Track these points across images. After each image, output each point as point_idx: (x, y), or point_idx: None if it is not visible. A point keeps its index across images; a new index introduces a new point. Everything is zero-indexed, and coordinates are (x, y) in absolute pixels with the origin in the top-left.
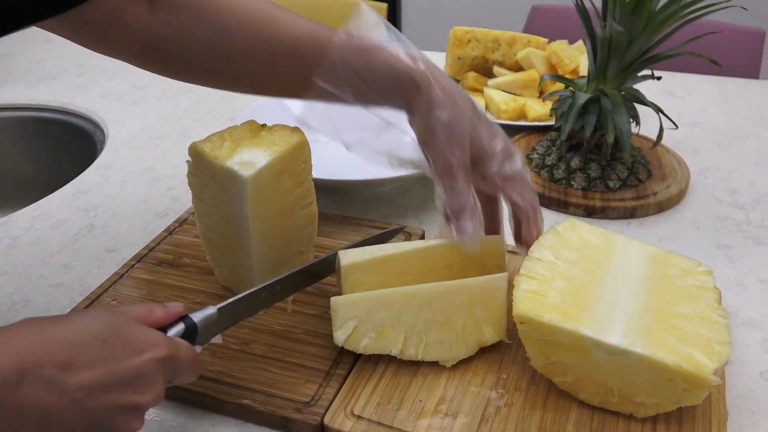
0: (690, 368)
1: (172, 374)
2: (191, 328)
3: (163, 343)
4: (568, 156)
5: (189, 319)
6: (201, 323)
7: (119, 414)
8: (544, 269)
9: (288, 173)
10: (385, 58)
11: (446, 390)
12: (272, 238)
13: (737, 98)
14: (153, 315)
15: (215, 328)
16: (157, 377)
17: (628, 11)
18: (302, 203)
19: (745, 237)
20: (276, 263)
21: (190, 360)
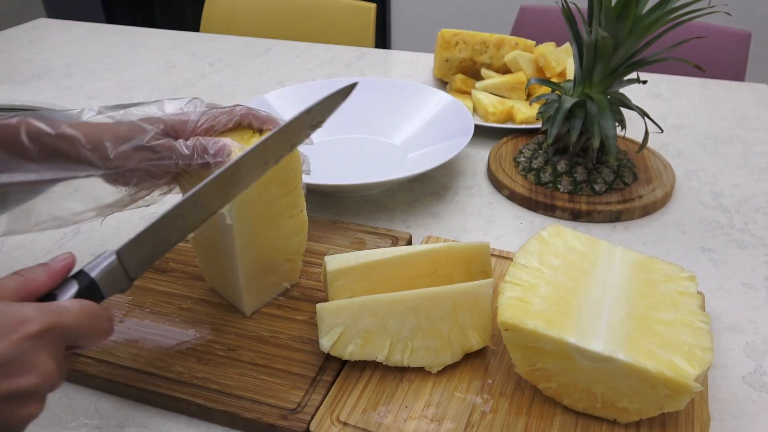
0: (672, 375)
1: (68, 341)
2: (89, 285)
3: (35, 318)
4: (554, 159)
5: (84, 276)
6: (100, 276)
7: (1, 404)
8: (528, 276)
9: (276, 182)
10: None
11: (432, 396)
12: (258, 244)
13: (722, 100)
14: (33, 282)
15: (128, 273)
16: (36, 355)
17: (614, 16)
18: (291, 212)
19: (728, 240)
20: (262, 270)
21: (86, 321)
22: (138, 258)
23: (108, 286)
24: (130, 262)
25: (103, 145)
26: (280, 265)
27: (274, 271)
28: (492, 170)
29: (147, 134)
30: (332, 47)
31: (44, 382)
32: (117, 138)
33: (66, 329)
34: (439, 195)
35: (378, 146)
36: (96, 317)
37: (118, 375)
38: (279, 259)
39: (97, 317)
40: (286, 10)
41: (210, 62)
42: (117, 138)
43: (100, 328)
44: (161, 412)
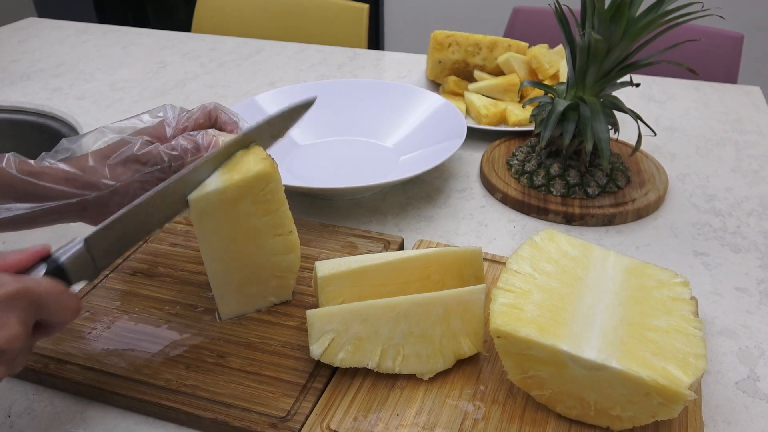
0: (665, 383)
1: (38, 312)
2: (57, 268)
3: (8, 283)
4: (547, 162)
5: (53, 260)
6: (68, 261)
7: None
8: (521, 282)
9: (249, 200)
10: None
11: (423, 403)
12: (231, 257)
13: (715, 103)
14: (5, 260)
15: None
16: (6, 315)
17: (607, 19)
18: (275, 231)
19: (721, 244)
20: (239, 280)
21: (54, 295)
22: (106, 246)
23: (75, 271)
24: (97, 250)
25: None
26: (265, 280)
27: (258, 285)
28: (485, 173)
29: (134, 144)
30: (324, 48)
31: (10, 343)
32: (103, 157)
33: (36, 298)
34: (432, 198)
35: (370, 149)
36: (64, 293)
37: (104, 382)
38: (264, 275)
39: (66, 294)
40: (279, 11)
41: (201, 63)
42: (103, 157)
43: (69, 304)
44: (149, 420)
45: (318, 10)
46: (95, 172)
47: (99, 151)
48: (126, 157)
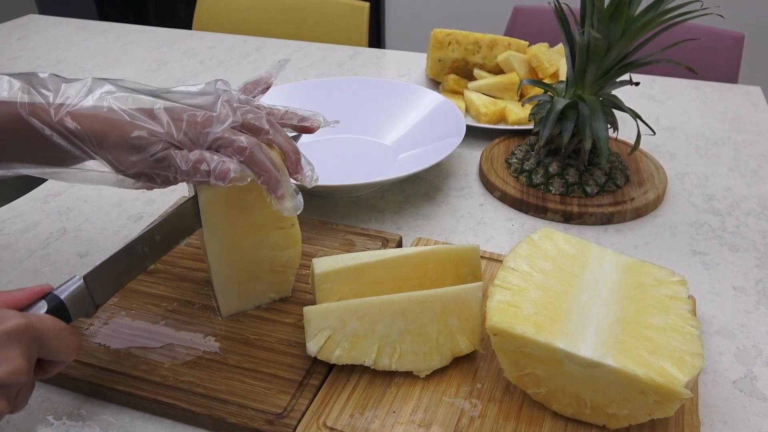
0: (661, 381)
1: (40, 349)
2: (57, 305)
3: (13, 317)
4: (546, 161)
5: (53, 297)
6: (69, 298)
7: None
8: (518, 279)
9: (255, 192)
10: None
11: (420, 400)
12: (234, 250)
13: (715, 102)
14: (8, 296)
15: (94, 298)
16: (10, 350)
17: (606, 17)
18: (278, 224)
19: (720, 244)
20: (240, 275)
21: (55, 332)
22: (103, 284)
23: (75, 309)
24: (96, 287)
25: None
26: (265, 275)
27: (258, 280)
28: (484, 171)
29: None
30: (324, 46)
31: (13, 377)
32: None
33: (38, 334)
34: (430, 196)
35: (369, 146)
36: (65, 330)
37: (102, 378)
38: (263, 269)
39: (67, 331)
40: (280, 9)
41: (201, 60)
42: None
43: (70, 342)
44: (146, 416)
45: (318, 8)
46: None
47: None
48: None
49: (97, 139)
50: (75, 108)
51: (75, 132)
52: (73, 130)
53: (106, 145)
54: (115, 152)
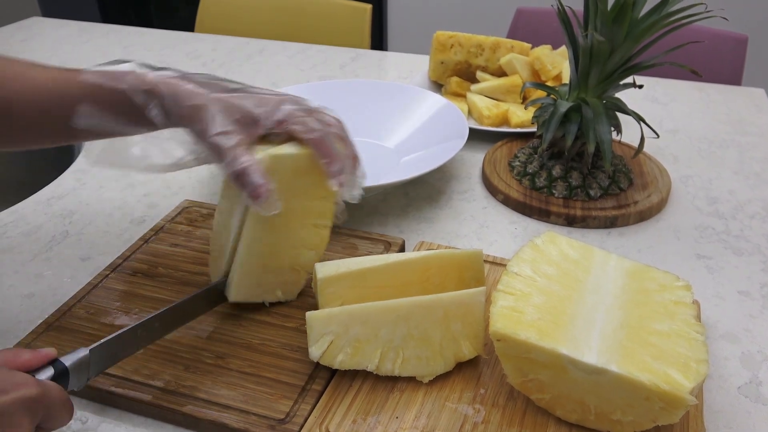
0: (666, 387)
1: (43, 417)
2: (62, 372)
3: (31, 384)
4: (549, 164)
5: (59, 363)
6: (73, 366)
7: None
8: (521, 284)
9: (312, 177)
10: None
11: (423, 406)
12: (267, 234)
13: (719, 105)
14: (19, 359)
15: (92, 369)
16: (23, 418)
17: (609, 20)
18: (313, 220)
19: (724, 247)
20: (263, 266)
21: (61, 402)
22: (104, 358)
23: (75, 379)
24: (97, 361)
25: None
26: (281, 271)
27: (274, 274)
28: (486, 174)
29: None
30: (326, 48)
31: None
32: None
33: (49, 404)
34: (433, 199)
35: (371, 149)
36: (67, 403)
37: (102, 382)
38: (283, 264)
39: (68, 403)
40: (282, 11)
41: (203, 62)
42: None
43: (65, 415)
44: (147, 421)
45: (321, 9)
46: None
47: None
48: None
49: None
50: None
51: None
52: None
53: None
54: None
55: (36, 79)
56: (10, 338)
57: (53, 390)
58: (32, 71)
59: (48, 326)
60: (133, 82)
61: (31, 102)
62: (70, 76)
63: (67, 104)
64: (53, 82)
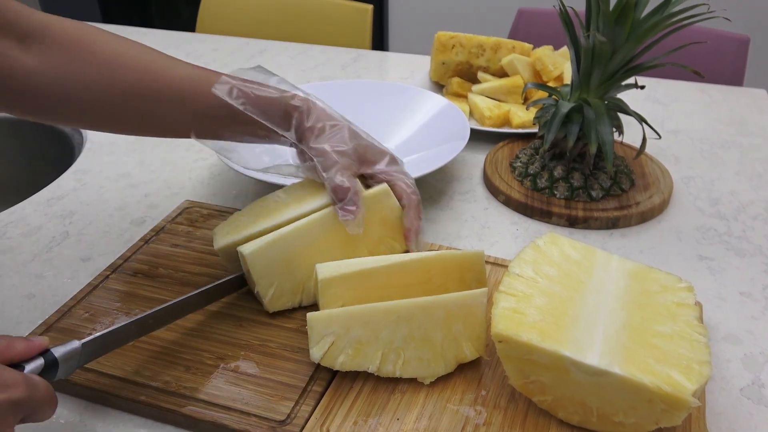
0: (669, 389)
1: (27, 413)
2: (51, 363)
3: (20, 384)
4: (551, 165)
5: (50, 354)
6: (62, 358)
7: None
8: (523, 286)
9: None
10: (267, 92)
11: (424, 408)
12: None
13: (721, 106)
14: (11, 349)
15: (81, 360)
16: (8, 418)
17: (611, 21)
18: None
19: (726, 248)
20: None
21: (46, 399)
22: (96, 351)
23: (63, 369)
24: (88, 353)
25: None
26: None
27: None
28: (488, 175)
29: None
30: (328, 49)
31: None
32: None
33: (35, 404)
34: (434, 200)
35: None
36: (51, 399)
37: (103, 384)
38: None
39: (52, 400)
40: (283, 11)
41: (204, 63)
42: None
43: (49, 411)
44: (147, 422)
45: (322, 10)
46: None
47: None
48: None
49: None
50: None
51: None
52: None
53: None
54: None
55: (180, 70)
56: None
57: (40, 388)
58: (174, 63)
59: (48, 327)
60: (279, 93)
61: (176, 92)
62: (211, 75)
63: (192, 102)
64: (196, 76)
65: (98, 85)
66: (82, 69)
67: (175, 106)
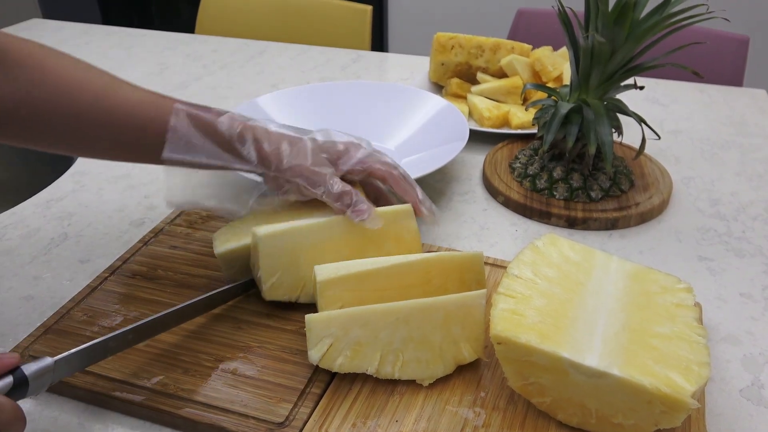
0: (668, 391)
1: None
2: (21, 381)
3: None
4: (550, 166)
5: (20, 372)
6: (33, 376)
7: None
8: (522, 287)
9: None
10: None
11: (423, 409)
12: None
13: (720, 106)
14: None
15: (55, 376)
16: None
17: (610, 21)
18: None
19: (726, 249)
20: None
21: (13, 419)
22: (70, 369)
23: (34, 387)
24: (61, 372)
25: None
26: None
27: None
28: (487, 176)
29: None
30: (327, 50)
31: None
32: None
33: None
34: (434, 201)
35: None
36: (18, 421)
37: (102, 386)
38: None
39: (18, 422)
40: (283, 12)
41: (204, 64)
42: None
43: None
44: (146, 424)
45: (322, 11)
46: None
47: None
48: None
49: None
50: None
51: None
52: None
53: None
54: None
55: (134, 94)
56: (8, 341)
57: (5, 410)
58: (128, 87)
59: (46, 329)
60: (228, 120)
61: (130, 116)
62: (165, 101)
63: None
64: (150, 101)
65: (55, 108)
66: (39, 91)
67: (133, 133)
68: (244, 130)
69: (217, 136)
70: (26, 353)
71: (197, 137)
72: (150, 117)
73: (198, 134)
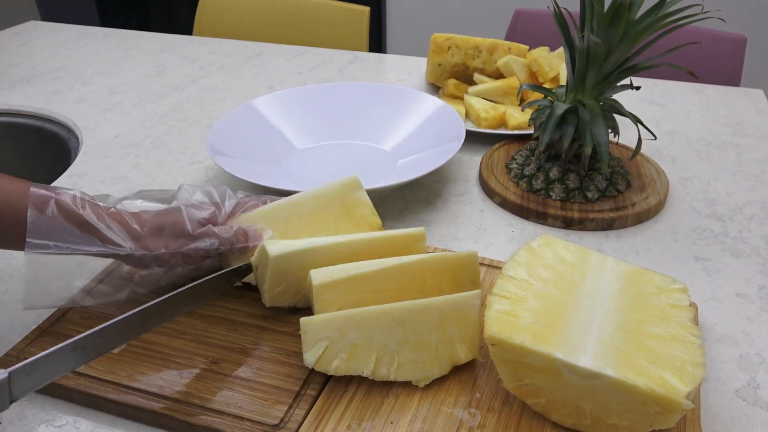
0: (662, 392)
1: None
2: None
3: None
4: (546, 166)
5: None
6: None
7: None
8: (517, 288)
9: None
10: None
11: (418, 411)
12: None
13: (717, 106)
14: None
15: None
16: None
17: (606, 22)
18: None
19: (722, 249)
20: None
21: None
22: (28, 380)
23: None
24: (18, 382)
25: (148, 232)
26: None
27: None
28: (484, 177)
29: (189, 221)
30: (325, 51)
31: None
32: (159, 227)
33: None
34: (430, 202)
35: (368, 152)
36: None
37: (96, 388)
38: None
39: None
40: (280, 13)
41: (201, 66)
42: (159, 227)
43: None
44: (141, 426)
45: (319, 12)
46: (149, 236)
47: (157, 217)
48: (180, 231)
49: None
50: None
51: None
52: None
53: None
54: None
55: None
56: (3, 344)
57: None
58: None
59: (42, 332)
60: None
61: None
62: (21, 186)
63: (22, 215)
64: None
65: None
66: None
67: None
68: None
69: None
70: (21, 356)
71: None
72: (11, 205)
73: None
